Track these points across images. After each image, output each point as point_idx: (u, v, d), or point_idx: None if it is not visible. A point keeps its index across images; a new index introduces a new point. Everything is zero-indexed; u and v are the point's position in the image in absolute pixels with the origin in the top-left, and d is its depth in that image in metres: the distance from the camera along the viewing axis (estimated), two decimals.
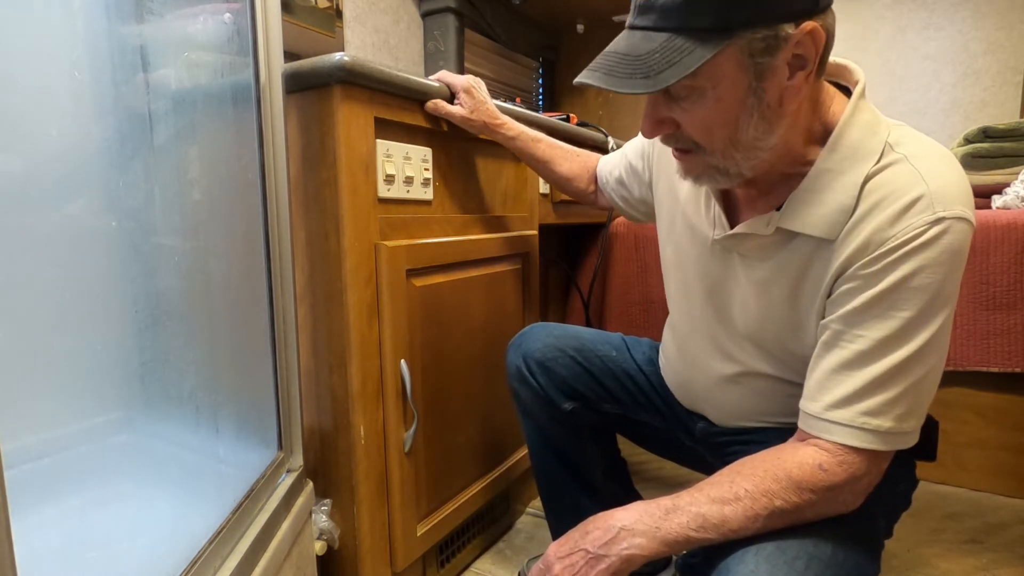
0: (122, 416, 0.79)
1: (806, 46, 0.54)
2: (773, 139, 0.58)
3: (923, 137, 0.60)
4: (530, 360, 0.91)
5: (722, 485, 0.60)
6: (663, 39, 0.53)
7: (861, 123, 0.60)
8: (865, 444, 0.57)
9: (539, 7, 2.15)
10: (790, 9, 0.52)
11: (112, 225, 0.73)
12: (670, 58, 0.53)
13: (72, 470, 0.72)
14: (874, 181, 0.57)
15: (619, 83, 0.54)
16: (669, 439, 0.91)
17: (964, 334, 1.39)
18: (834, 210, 0.59)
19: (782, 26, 0.52)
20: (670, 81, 0.52)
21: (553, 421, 0.91)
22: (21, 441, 0.67)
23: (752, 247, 0.67)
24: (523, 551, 1.17)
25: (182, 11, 0.72)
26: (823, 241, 0.60)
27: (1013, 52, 2.43)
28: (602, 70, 0.56)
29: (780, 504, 0.57)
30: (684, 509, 0.59)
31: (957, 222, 0.54)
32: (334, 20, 1.57)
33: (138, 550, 0.63)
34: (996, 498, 1.39)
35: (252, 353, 0.77)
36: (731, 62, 0.54)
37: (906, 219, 0.55)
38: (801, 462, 0.58)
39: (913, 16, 2.62)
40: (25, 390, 0.67)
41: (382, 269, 0.85)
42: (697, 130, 0.59)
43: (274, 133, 0.74)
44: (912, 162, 0.57)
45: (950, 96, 2.61)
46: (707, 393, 0.80)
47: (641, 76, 0.53)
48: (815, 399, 0.60)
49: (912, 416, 0.57)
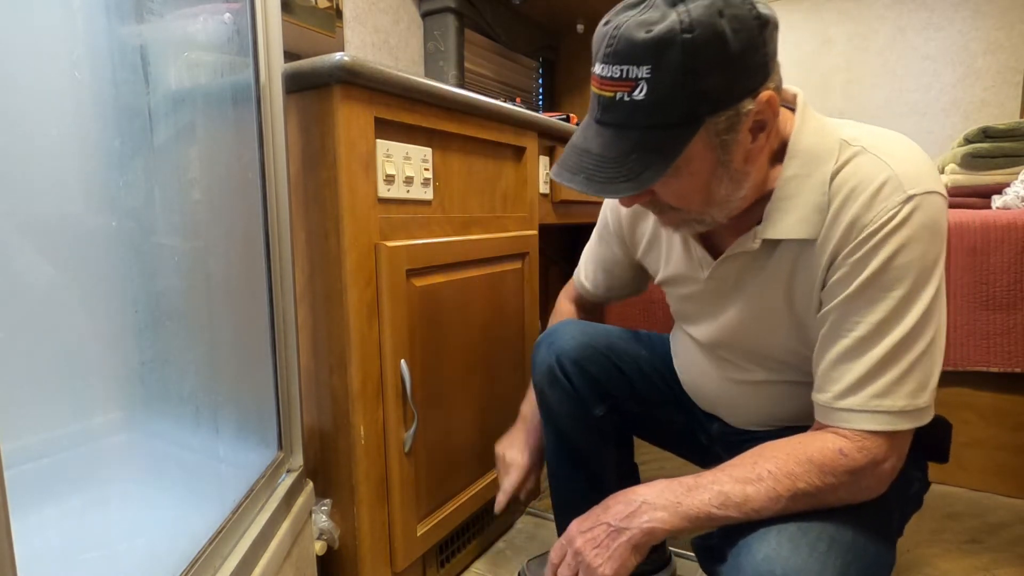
0: (122, 416, 0.79)
1: (764, 113, 0.57)
2: (744, 191, 0.62)
3: (873, 128, 0.64)
4: (564, 359, 0.87)
5: (745, 466, 0.61)
6: (635, 137, 0.56)
7: (811, 129, 0.63)
8: (881, 426, 0.58)
9: (539, 7, 2.15)
10: (747, 87, 0.55)
11: (112, 225, 0.72)
12: (647, 159, 0.55)
13: (72, 470, 0.72)
14: (841, 176, 0.60)
15: (602, 188, 0.57)
16: (690, 438, 0.91)
17: (964, 334, 1.39)
18: (810, 211, 0.61)
19: (742, 103, 0.55)
20: (654, 181, 0.56)
21: (579, 424, 0.89)
22: (21, 441, 0.67)
23: (741, 266, 0.69)
24: (523, 551, 1.17)
25: (182, 11, 0.72)
26: (806, 242, 0.63)
27: (1013, 52, 2.44)
28: (583, 173, 0.58)
29: (803, 487, 0.58)
30: (706, 487, 0.60)
31: (927, 196, 0.57)
32: (334, 20, 1.57)
33: (138, 550, 0.63)
34: (996, 498, 1.39)
35: (252, 353, 0.77)
36: (699, 144, 0.57)
37: (879, 203, 0.57)
38: (822, 447, 0.59)
39: (913, 16, 2.62)
40: (25, 390, 0.67)
41: (382, 269, 0.85)
42: (673, 199, 0.62)
43: (274, 133, 0.74)
44: (872, 151, 0.60)
45: (950, 96, 2.61)
46: (720, 400, 0.81)
47: (624, 180, 0.56)
48: (825, 390, 0.61)
49: (923, 390, 0.58)
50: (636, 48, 0.53)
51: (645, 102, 0.54)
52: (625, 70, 0.54)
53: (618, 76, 0.54)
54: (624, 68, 0.54)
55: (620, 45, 0.54)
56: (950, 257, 1.40)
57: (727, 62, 0.53)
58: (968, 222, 1.38)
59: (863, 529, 0.59)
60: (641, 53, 0.53)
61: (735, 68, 0.54)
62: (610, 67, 0.55)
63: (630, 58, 0.53)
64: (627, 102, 0.55)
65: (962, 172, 1.73)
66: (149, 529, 0.67)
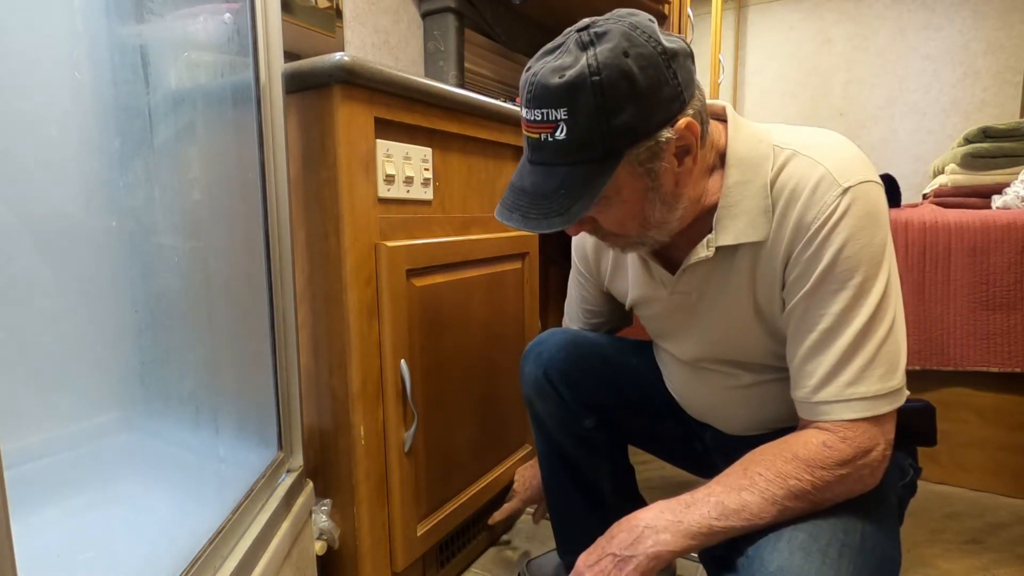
0: (122, 416, 0.79)
1: (686, 138, 0.60)
2: (679, 211, 0.65)
3: (799, 129, 0.67)
4: (552, 370, 0.88)
5: (736, 474, 0.62)
6: (562, 173, 0.59)
7: (744, 137, 0.66)
8: (860, 413, 0.59)
9: (539, 7, 2.14)
10: (663, 118, 0.58)
11: (112, 225, 0.73)
12: (575, 193, 0.59)
13: (72, 470, 0.72)
14: (780, 181, 0.63)
15: (537, 224, 0.61)
16: (684, 447, 0.91)
17: (964, 334, 1.39)
18: (756, 215, 0.64)
19: (660, 133, 0.58)
20: (582, 214, 0.59)
21: (570, 436, 0.90)
22: (21, 441, 0.68)
23: (701, 277, 0.71)
24: (523, 551, 1.17)
25: (182, 11, 0.72)
26: (759, 244, 0.65)
27: (1013, 52, 2.44)
28: (519, 211, 0.62)
29: (795, 483, 0.58)
30: (703, 500, 0.61)
31: (861, 186, 0.59)
32: (334, 20, 1.57)
33: (138, 550, 0.63)
34: (996, 498, 1.39)
35: (252, 353, 0.77)
36: (625, 174, 0.60)
37: (818, 200, 0.60)
38: (805, 442, 0.60)
39: (913, 16, 2.62)
40: (25, 390, 0.67)
41: (382, 269, 0.85)
42: (613, 225, 0.66)
43: (274, 133, 0.74)
44: (803, 152, 0.63)
45: (950, 96, 2.61)
46: (711, 409, 0.81)
47: (556, 215, 0.59)
48: (801, 387, 0.63)
49: (894, 372, 0.60)
50: (551, 93, 0.57)
51: (566, 141, 0.58)
52: (544, 113, 0.58)
53: (539, 119, 0.58)
54: (544, 111, 0.58)
55: (538, 91, 0.58)
56: (950, 257, 1.40)
57: (637, 98, 0.56)
58: (968, 222, 1.38)
59: (870, 528, 0.59)
60: (556, 97, 0.56)
61: (647, 102, 0.57)
62: (532, 111, 0.59)
63: (548, 102, 0.57)
64: (551, 142, 0.58)
65: (962, 172, 1.74)
66: (149, 529, 0.67)
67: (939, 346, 1.41)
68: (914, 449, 0.75)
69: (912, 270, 1.42)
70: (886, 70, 2.71)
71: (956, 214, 1.43)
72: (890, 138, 2.78)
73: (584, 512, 0.94)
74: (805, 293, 0.62)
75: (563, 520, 0.97)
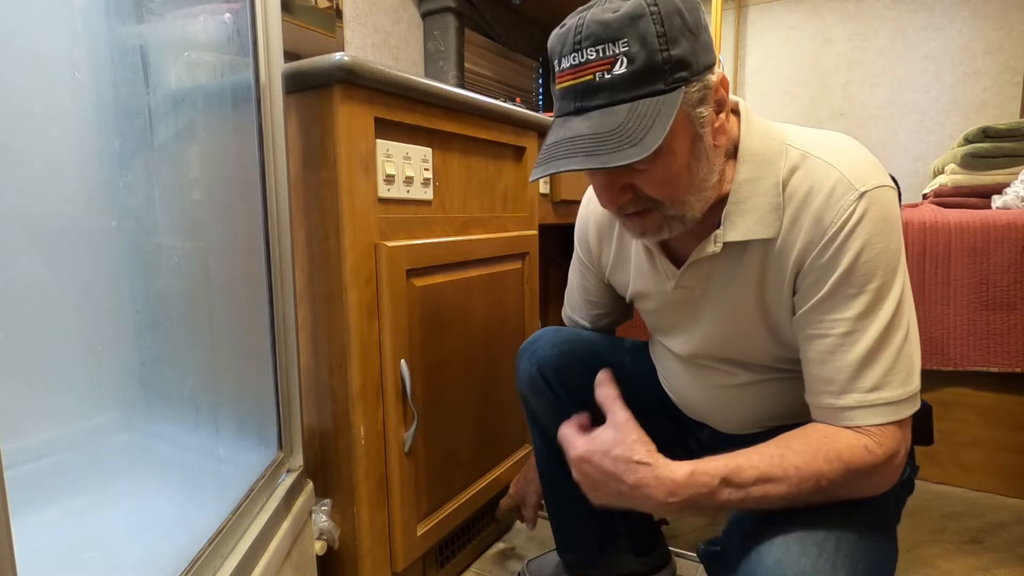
0: (122, 416, 0.79)
1: (721, 91, 0.60)
2: (715, 175, 0.63)
3: (812, 131, 0.66)
4: (546, 368, 0.88)
5: (772, 458, 0.58)
6: (625, 110, 0.56)
7: (757, 132, 0.65)
8: (886, 419, 0.58)
9: (539, 7, 2.14)
10: (707, 62, 0.59)
11: (112, 225, 0.73)
12: (644, 123, 0.55)
13: (72, 470, 0.72)
14: (792, 181, 0.63)
15: (607, 159, 0.55)
16: (680, 446, 0.90)
17: (964, 334, 1.39)
18: (766, 212, 0.63)
19: (708, 76, 0.58)
20: (659, 141, 0.54)
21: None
22: (21, 441, 0.67)
23: (706, 273, 0.70)
24: (523, 551, 1.17)
25: (182, 11, 0.72)
26: (768, 241, 0.64)
27: (1013, 52, 2.44)
28: (580, 153, 0.56)
29: (825, 484, 0.57)
30: (735, 481, 0.58)
31: (877, 191, 0.59)
32: (334, 20, 1.57)
33: (138, 550, 0.63)
34: (996, 498, 1.39)
35: (252, 353, 0.77)
36: (680, 116, 0.57)
37: (834, 204, 0.59)
38: (849, 444, 0.58)
39: (913, 16, 2.62)
40: (25, 390, 0.67)
41: (382, 269, 0.85)
42: (658, 186, 0.61)
43: (274, 133, 0.74)
44: (816, 154, 0.62)
45: (950, 96, 2.61)
46: (708, 407, 0.81)
47: (629, 146, 0.54)
48: (820, 391, 0.62)
49: (913, 375, 0.60)
50: (609, 26, 0.55)
51: (627, 74, 0.55)
52: (601, 49, 0.55)
53: (594, 57, 0.56)
54: (600, 47, 0.55)
55: (592, 28, 0.55)
56: (950, 257, 1.40)
57: (690, 33, 0.56)
58: (968, 222, 1.38)
59: (867, 522, 0.59)
60: (616, 28, 0.55)
61: (696, 40, 0.57)
62: (583, 53, 0.56)
63: (605, 37, 0.55)
64: (607, 79, 0.56)
65: (962, 172, 1.73)
66: (149, 529, 0.67)
67: (939, 346, 1.41)
68: (912, 447, 0.75)
69: (912, 270, 1.42)
70: (886, 70, 2.71)
71: (956, 214, 1.43)
72: (890, 138, 2.78)
73: (581, 508, 0.94)
74: (821, 298, 0.61)
75: (561, 516, 0.97)
